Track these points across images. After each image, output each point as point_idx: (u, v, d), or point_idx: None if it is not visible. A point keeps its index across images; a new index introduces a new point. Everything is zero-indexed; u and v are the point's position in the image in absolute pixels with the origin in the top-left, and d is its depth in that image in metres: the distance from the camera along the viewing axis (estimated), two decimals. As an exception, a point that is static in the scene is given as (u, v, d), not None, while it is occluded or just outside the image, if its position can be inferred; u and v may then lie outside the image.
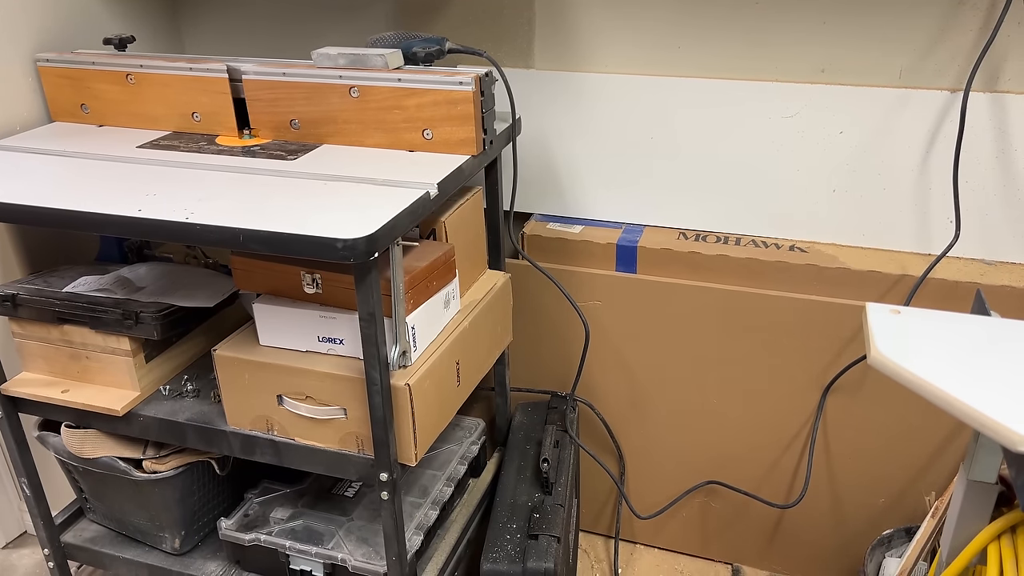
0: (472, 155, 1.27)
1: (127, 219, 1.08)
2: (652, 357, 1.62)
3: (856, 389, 1.50)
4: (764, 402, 1.57)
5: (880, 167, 1.43)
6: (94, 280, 1.36)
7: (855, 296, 1.44)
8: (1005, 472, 0.95)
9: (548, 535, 1.34)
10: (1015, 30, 1.30)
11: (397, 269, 1.10)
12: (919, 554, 1.22)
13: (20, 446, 1.39)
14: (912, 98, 1.37)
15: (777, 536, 1.69)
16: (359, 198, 1.12)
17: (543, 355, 1.70)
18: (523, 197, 1.62)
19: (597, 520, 1.82)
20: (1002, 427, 0.75)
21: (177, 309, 1.30)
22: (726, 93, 1.47)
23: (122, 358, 1.29)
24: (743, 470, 1.65)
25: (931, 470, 1.51)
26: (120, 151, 1.33)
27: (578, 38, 1.54)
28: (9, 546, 1.81)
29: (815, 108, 1.43)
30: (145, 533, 1.44)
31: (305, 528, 1.37)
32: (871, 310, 0.95)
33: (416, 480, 1.46)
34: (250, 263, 1.20)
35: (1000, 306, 1.35)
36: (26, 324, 1.33)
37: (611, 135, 1.56)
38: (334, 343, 1.19)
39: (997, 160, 1.36)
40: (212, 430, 1.26)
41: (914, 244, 1.46)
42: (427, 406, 1.19)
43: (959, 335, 0.91)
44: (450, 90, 1.24)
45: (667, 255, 1.53)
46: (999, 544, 0.92)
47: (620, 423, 1.70)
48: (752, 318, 1.51)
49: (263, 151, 1.31)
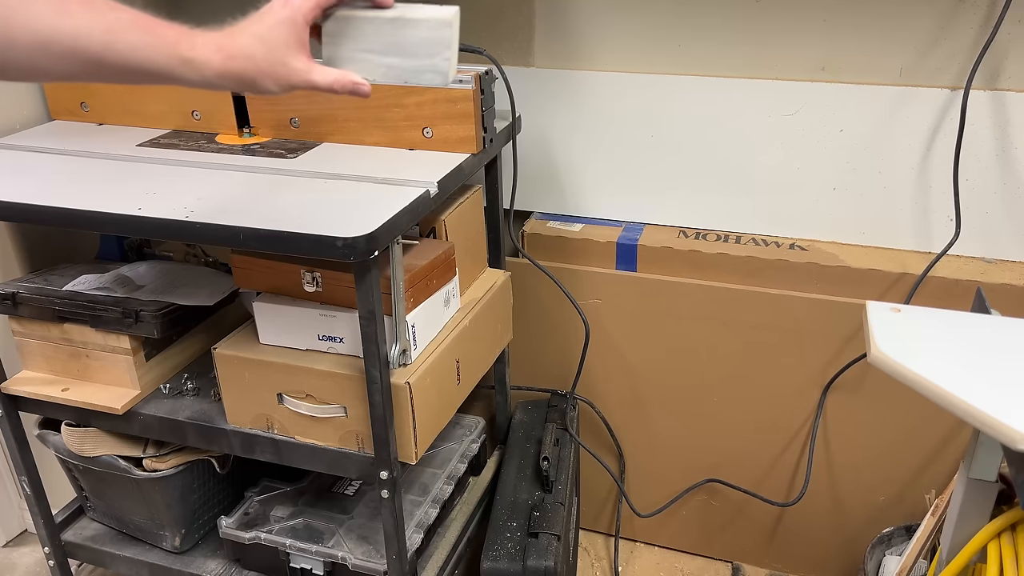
0: (472, 153, 1.27)
1: (127, 217, 1.08)
2: (652, 355, 1.61)
3: (856, 387, 1.50)
4: (764, 400, 1.57)
5: (880, 165, 1.43)
6: (94, 278, 1.36)
7: (855, 294, 1.44)
8: (1005, 470, 0.95)
9: (548, 533, 1.34)
10: (1015, 28, 1.30)
11: (397, 267, 1.10)
12: (919, 552, 1.22)
13: (20, 444, 1.39)
14: (912, 96, 1.37)
15: (777, 534, 1.69)
16: (359, 196, 1.12)
17: (543, 353, 1.70)
18: (523, 195, 1.62)
19: (597, 518, 1.82)
20: (1002, 425, 0.75)
21: (177, 307, 1.30)
22: (726, 91, 1.47)
23: (122, 356, 1.29)
24: (743, 468, 1.65)
25: (931, 468, 1.51)
26: (120, 149, 1.32)
27: (578, 36, 1.54)
28: (9, 544, 1.81)
29: (815, 106, 1.42)
30: (145, 531, 1.44)
31: (305, 526, 1.37)
32: (871, 308, 0.95)
33: (416, 478, 1.46)
34: (250, 261, 1.20)
35: (1000, 304, 1.34)
36: (26, 322, 1.33)
37: (611, 133, 1.56)
38: (334, 341, 1.19)
39: (997, 158, 1.36)
40: (212, 428, 1.26)
41: (914, 242, 1.46)
42: (427, 404, 1.19)
43: (959, 333, 0.91)
44: (450, 88, 1.23)
45: (667, 253, 1.53)
46: (999, 542, 0.92)
47: (620, 421, 1.70)
48: (752, 316, 1.51)
49: (263, 149, 1.31)
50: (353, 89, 0.82)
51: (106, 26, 0.71)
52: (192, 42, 0.75)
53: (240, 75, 0.76)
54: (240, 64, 0.76)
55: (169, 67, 0.74)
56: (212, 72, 0.75)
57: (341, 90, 0.81)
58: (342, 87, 0.81)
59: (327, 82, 0.80)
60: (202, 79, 0.75)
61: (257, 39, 0.76)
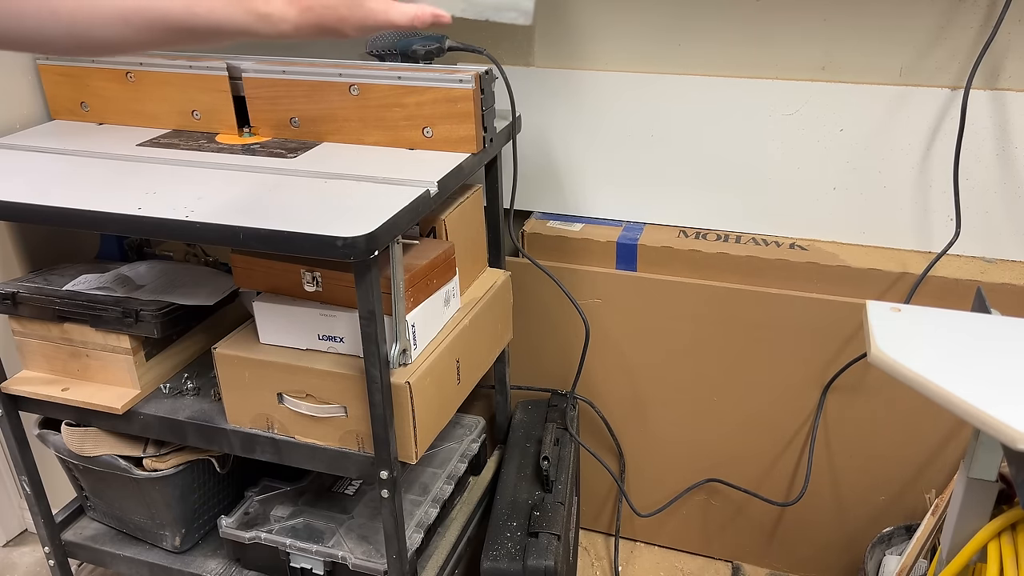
0: (472, 153, 1.27)
1: (127, 217, 1.08)
2: (652, 355, 1.62)
3: (856, 387, 1.50)
4: (764, 400, 1.57)
5: (880, 165, 1.43)
6: (94, 278, 1.36)
7: (855, 294, 1.44)
8: (1005, 470, 0.95)
9: (548, 533, 1.34)
10: (1016, 27, 1.30)
11: (397, 267, 1.10)
12: (919, 552, 1.22)
13: (20, 444, 1.39)
14: (912, 96, 1.37)
15: (777, 534, 1.69)
16: (359, 196, 1.12)
17: (543, 353, 1.70)
18: (523, 195, 1.62)
19: (597, 518, 1.82)
20: (1002, 425, 0.75)
21: (177, 307, 1.30)
22: (727, 91, 1.47)
23: (122, 356, 1.29)
24: (743, 468, 1.65)
25: (931, 468, 1.51)
26: (120, 149, 1.32)
27: (578, 36, 1.54)
28: (9, 544, 1.81)
29: (815, 106, 1.42)
30: (145, 531, 1.44)
31: (305, 526, 1.37)
32: (871, 308, 0.95)
33: (416, 478, 1.46)
34: (250, 261, 1.20)
35: (1000, 304, 1.35)
36: (26, 322, 1.33)
37: (611, 133, 1.56)
38: (334, 341, 1.19)
39: (998, 158, 1.36)
40: (212, 428, 1.27)
41: (914, 242, 1.46)
42: (427, 404, 1.19)
43: (959, 333, 0.91)
44: (450, 88, 1.23)
45: (667, 253, 1.53)
46: (999, 542, 0.92)
47: (620, 421, 1.70)
48: (752, 316, 1.51)
49: (263, 149, 1.31)
50: (434, 21, 0.80)
51: None
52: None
53: (318, 24, 0.75)
54: (317, 14, 0.75)
55: (246, 24, 0.74)
56: (289, 25, 0.75)
57: (421, 25, 0.79)
58: (422, 22, 0.79)
59: (407, 19, 0.78)
60: (279, 33, 0.75)
61: None
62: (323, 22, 0.75)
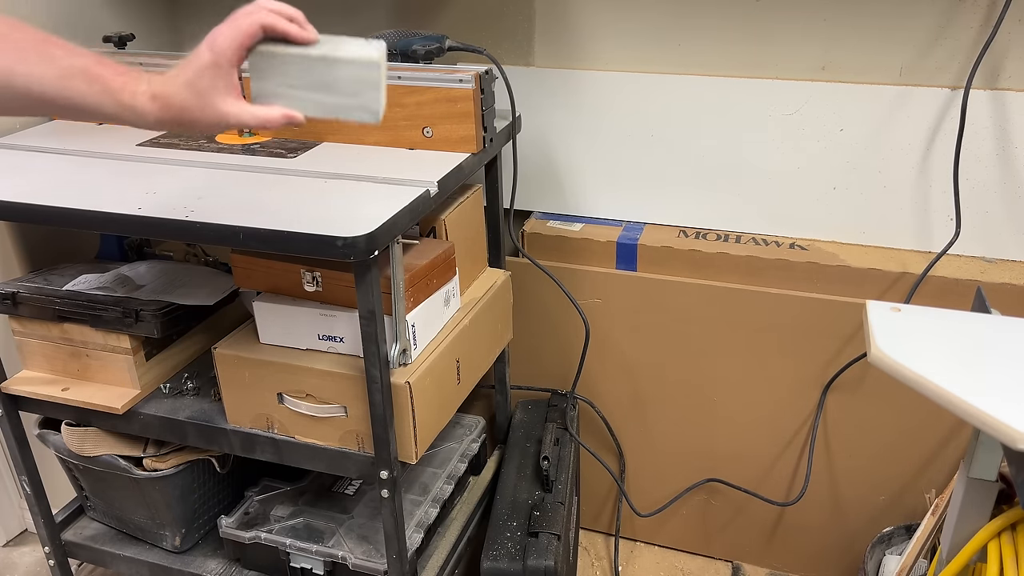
0: (472, 153, 1.27)
1: (127, 217, 1.08)
2: (652, 355, 1.61)
3: (856, 387, 1.50)
4: (764, 400, 1.57)
5: (880, 165, 1.43)
6: (94, 278, 1.36)
7: (855, 294, 1.44)
8: (1005, 470, 0.95)
9: (548, 533, 1.34)
10: (1016, 27, 1.30)
11: (397, 267, 1.10)
12: (919, 552, 1.22)
13: (20, 444, 1.39)
14: (912, 95, 1.37)
15: (777, 534, 1.69)
16: (359, 196, 1.12)
17: (543, 353, 1.70)
18: (523, 195, 1.62)
19: (597, 518, 1.82)
20: (1002, 425, 0.75)
21: (177, 307, 1.30)
22: (726, 91, 1.47)
23: (122, 356, 1.29)
24: (743, 468, 1.65)
25: (931, 468, 1.51)
26: (120, 149, 1.32)
27: (578, 36, 1.54)
28: (9, 544, 1.81)
29: (815, 105, 1.42)
30: (145, 531, 1.44)
31: (305, 526, 1.37)
32: (871, 308, 0.95)
33: (416, 478, 1.46)
34: (250, 261, 1.20)
35: (1000, 304, 1.35)
36: (26, 322, 1.33)
37: (611, 133, 1.56)
38: (334, 341, 1.19)
39: (998, 158, 1.36)
40: (212, 428, 1.26)
41: (914, 242, 1.46)
42: (427, 404, 1.19)
43: (959, 333, 0.91)
44: (450, 88, 1.23)
45: (667, 253, 1.53)
46: (999, 542, 0.92)
47: (620, 421, 1.70)
48: (752, 316, 1.51)
49: (263, 149, 1.31)
50: (287, 123, 0.86)
51: (58, 73, 0.79)
52: (134, 90, 0.81)
53: (176, 121, 0.82)
54: (175, 112, 0.82)
55: (115, 112, 0.82)
56: (151, 119, 0.82)
57: (273, 127, 0.86)
58: (274, 124, 0.85)
59: (258, 121, 0.84)
60: (144, 123, 0.83)
61: (187, 86, 0.81)
62: (180, 119, 0.82)
